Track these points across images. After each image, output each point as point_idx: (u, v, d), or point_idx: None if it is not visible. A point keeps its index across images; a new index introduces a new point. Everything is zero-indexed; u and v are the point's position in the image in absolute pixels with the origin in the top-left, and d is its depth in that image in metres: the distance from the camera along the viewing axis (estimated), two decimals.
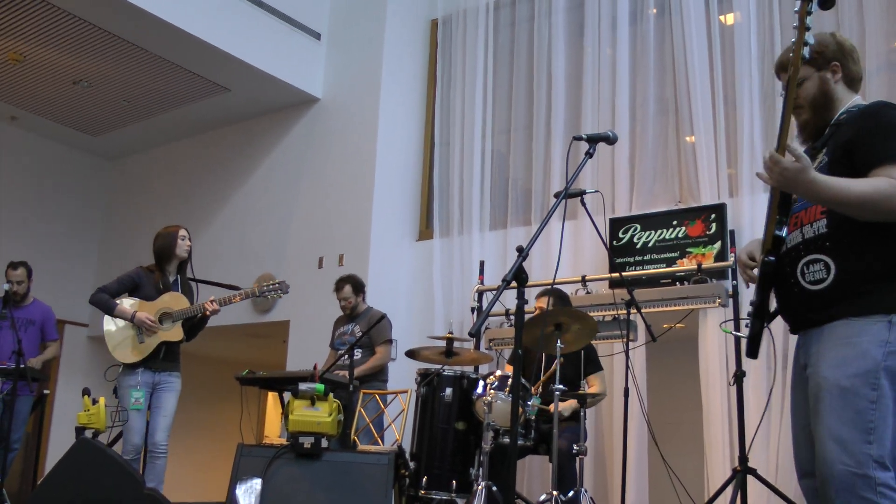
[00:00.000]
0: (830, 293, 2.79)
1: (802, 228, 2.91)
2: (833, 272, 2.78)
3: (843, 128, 2.91)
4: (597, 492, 6.79)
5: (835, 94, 3.01)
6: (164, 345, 5.95)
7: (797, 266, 2.89)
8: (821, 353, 2.78)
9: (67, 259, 11.68)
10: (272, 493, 4.51)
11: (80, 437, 4.65)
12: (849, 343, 2.71)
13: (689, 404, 6.81)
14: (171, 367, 6.01)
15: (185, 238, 6.23)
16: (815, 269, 2.83)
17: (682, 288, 6.54)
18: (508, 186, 8.54)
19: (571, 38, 8.33)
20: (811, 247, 2.86)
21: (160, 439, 5.79)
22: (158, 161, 11.82)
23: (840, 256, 2.79)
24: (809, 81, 3.02)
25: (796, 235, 2.92)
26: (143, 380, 5.87)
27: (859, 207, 2.69)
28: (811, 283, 2.84)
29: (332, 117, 9.65)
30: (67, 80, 9.85)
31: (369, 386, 6.81)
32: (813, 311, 2.85)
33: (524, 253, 3.12)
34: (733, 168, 7.03)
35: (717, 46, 7.24)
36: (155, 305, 6.00)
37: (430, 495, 5.33)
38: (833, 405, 2.66)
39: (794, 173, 2.65)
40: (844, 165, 2.78)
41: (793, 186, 2.71)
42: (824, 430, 2.66)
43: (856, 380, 2.65)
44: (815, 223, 2.86)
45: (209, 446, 12.84)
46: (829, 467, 2.62)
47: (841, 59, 3.02)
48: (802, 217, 2.92)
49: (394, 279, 8.88)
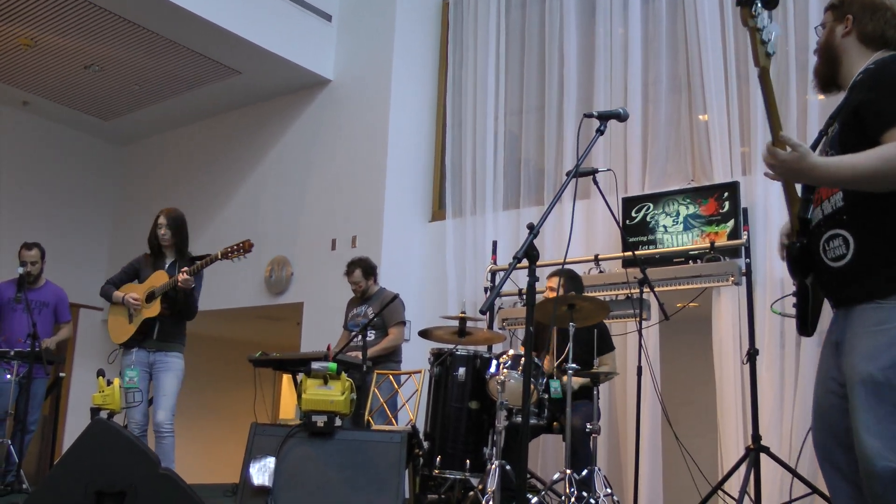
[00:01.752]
0: (852, 269, 2.67)
1: (822, 204, 2.80)
2: (852, 247, 2.66)
3: (856, 91, 2.76)
4: (610, 470, 6.79)
5: (841, 48, 2.86)
6: (155, 324, 5.93)
7: (819, 243, 2.78)
8: (852, 339, 2.67)
9: (81, 244, 11.74)
10: (285, 471, 4.53)
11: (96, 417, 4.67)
12: (880, 331, 2.58)
13: (703, 383, 6.81)
14: (168, 346, 5.98)
15: (160, 225, 6.17)
16: (834, 244, 2.71)
17: (695, 266, 6.53)
18: (521, 166, 8.54)
19: (583, 18, 8.30)
20: (831, 222, 2.75)
21: (162, 419, 5.77)
22: (170, 144, 11.85)
23: (858, 229, 2.66)
24: (825, 30, 2.92)
25: (818, 212, 2.82)
26: (137, 359, 5.91)
27: (871, 181, 2.54)
28: (833, 260, 2.72)
29: (344, 99, 9.65)
30: (78, 64, 9.86)
31: (383, 367, 6.82)
32: (841, 288, 2.74)
33: (535, 230, 3.11)
34: (746, 146, 7.00)
35: (729, 23, 7.19)
36: (143, 286, 6.02)
37: (444, 474, 5.33)
38: (869, 401, 2.55)
39: (793, 163, 2.53)
40: (855, 131, 2.64)
41: (797, 176, 2.62)
42: (862, 426, 2.56)
43: (890, 372, 2.53)
44: (833, 197, 2.74)
45: (224, 428, 12.90)
46: (871, 464, 2.53)
47: (858, 14, 2.83)
48: (822, 193, 2.81)
49: (407, 260, 8.89)
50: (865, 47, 2.82)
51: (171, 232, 6.13)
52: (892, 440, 2.51)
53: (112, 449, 4.27)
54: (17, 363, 6.94)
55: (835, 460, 2.82)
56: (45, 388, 7.54)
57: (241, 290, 10.03)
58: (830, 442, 2.83)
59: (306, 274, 9.43)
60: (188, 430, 12.22)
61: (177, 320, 6.04)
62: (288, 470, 4.54)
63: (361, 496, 4.48)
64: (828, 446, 2.85)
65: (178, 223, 6.19)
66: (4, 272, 8.14)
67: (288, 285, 9.56)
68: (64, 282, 8.10)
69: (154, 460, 4.30)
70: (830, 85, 2.95)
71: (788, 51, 6.80)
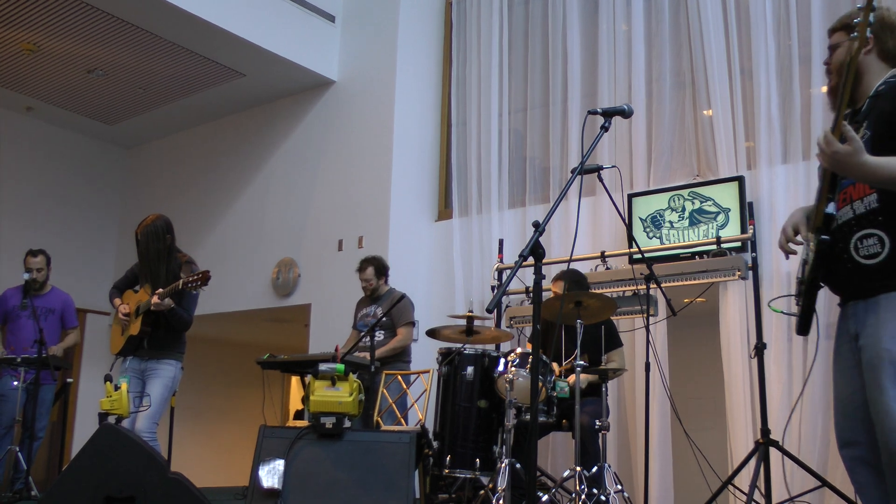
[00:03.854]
0: (886, 266, 2.82)
1: (853, 204, 2.92)
2: (888, 245, 2.81)
3: (882, 99, 2.90)
4: (621, 467, 6.79)
5: (864, 65, 2.98)
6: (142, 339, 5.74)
7: (850, 241, 2.90)
8: (879, 323, 2.80)
9: (87, 248, 11.74)
10: (295, 473, 4.53)
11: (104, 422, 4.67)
12: None
13: (711, 378, 6.80)
14: (160, 354, 5.75)
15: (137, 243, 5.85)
16: (868, 243, 2.85)
17: (702, 262, 6.52)
18: (526, 164, 8.54)
19: (586, 15, 8.29)
20: (864, 222, 2.88)
21: (142, 427, 5.50)
22: (175, 148, 11.85)
23: (894, 230, 2.82)
24: (841, 48, 3.04)
25: (847, 211, 2.94)
26: (130, 366, 5.77)
27: None
28: (866, 258, 2.86)
29: (349, 100, 9.65)
30: (82, 69, 9.87)
31: (392, 367, 6.82)
32: (867, 281, 2.87)
33: (540, 228, 3.11)
34: (751, 140, 6.99)
35: (732, 19, 7.19)
36: (136, 297, 5.87)
37: (455, 474, 5.34)
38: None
39: (846, 156, 2.64)
40: (890, 139, 2.77)
41: (845, 169, 2.70)
42: (888, 400, 2.68)
43: None
44: (866, 198, 2.88)
45: (234, 431, 12.93)
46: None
47: (877, 32, 2.99)
48: (852, 192, 2.93)
49: (414, 260, 8.88)
50: (885, 63, 3.00)
51: (142, 251, 5.79)
52: None
53: (120, 454, 4.28)
54: (23, 370, 6.96)
55: (870, 458, 2.84)
56: (52, 395, 7.55)
57: (248, 293, 10.03)
58: (865, 438, 2.87)
59: (313, 275, 9.43)
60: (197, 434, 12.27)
61: (167, 332, 5.79)
62: (297, 472, 4.54)
63: (371, 497, 4.48)
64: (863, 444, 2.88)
65: (149, 239, 5.76)
66: (11, 279, 8.14)
67: (295, 287, 9.56)
68: (70, 287, 8.12)
69: (162, 464, 4.31)
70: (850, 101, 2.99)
71: (791, 45, 6.79)
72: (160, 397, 5.70)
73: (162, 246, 5.76)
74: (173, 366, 5.81)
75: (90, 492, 4.15)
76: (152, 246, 5.75)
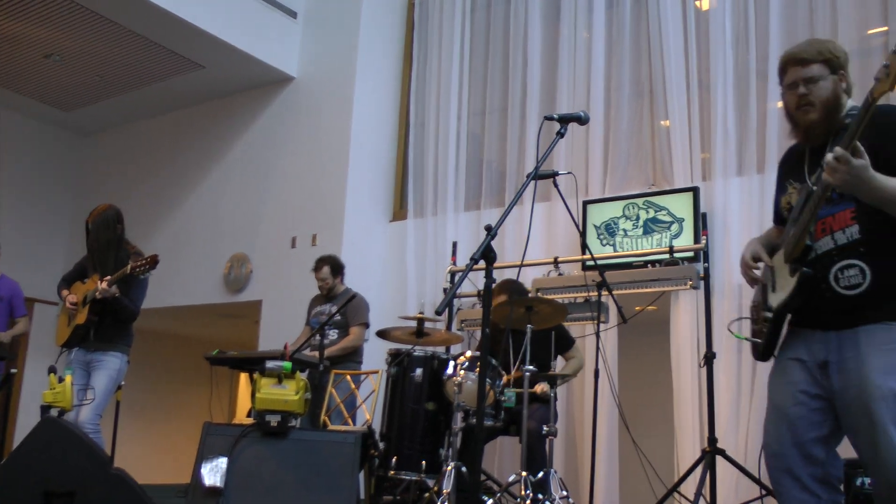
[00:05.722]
0: (866, 298, 2.84)
1: (834, 234, 2.94)
2: (869, 277, 2.84)
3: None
4: (567, 472, 6.81)
5: (841, 99, 3.01)
6: (89, 328, 5.71)
7: (830, 271, 2.92)
8: (862, 358, 2.81)
9: (37, 236, 11.55)
10: (238, 471, 4.48)
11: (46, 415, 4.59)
12: (893, 349, 2.78)
13: (660, 386, 6.84)
14: (105, 346, 5.73)
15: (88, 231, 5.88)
16: (849, 273, 2.87)
17: (654, 270, 6.57)
18: (483, 168, 8.55)
19: (547, 21, 8.32)
20: (845, 252, 2.90)
21: (85, 418, 5.50)
22: (132, 138, 11.73)
23: (876, 261, 2.85)
24: (825, 82, 3.01)
25: (827, 241, 2.95)
26: (75, 358, 5.75)
27: None
28: (846, 288, 2.88)
29: (308, 96, 9.61)
30: (39, 53, 9.73)
31: (343, 367, 6.78)
32: (845, 313, 2.89)
33: (493, 232, 3.10)
34: (707, 152, 7.05)
35: (692, 31, 7.26)
36: (83, 288, 5.82)
37: (400, 475, 5.30)
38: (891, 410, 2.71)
39: (862, 171, 2.65)
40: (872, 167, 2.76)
41: (857, 185, 2.69)
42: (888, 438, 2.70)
43: None
44: (848, 229, 2.90)
45: (180, 427, 12.80)
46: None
47: (846, 69, 3.04)
48: (831, 223, 2.95)
49: (367, 259, 8.85)
50: (847, 97, 3.04)
51: (92, 239, 5.84)
52: None
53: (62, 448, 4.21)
54: None
55: (796, 472, 2.94)
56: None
57: (199, 287, 9.95)
58: (793, 452, 2.95)
59: (266, 272, 9.37)
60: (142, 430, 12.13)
61: (113, 322, 5.78)
62: (240, 470, 4.48)
63: (314, 497, 4.45)
64: (790, 457, 2.96)
65: (98, 227, 5.82)
66: None
67: (247, 283, 9.50)
68: (18, 276, 7.98)
69: (104, 459, 4.25)
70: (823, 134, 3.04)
71: (749, 59, 6.86)
72: (105, 389, 5.66)
73: (112, 235, 5.78)
74: (119, 358, 5.77)
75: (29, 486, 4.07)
76: (102, 234, 5.77)
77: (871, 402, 2.74)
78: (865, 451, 2.79)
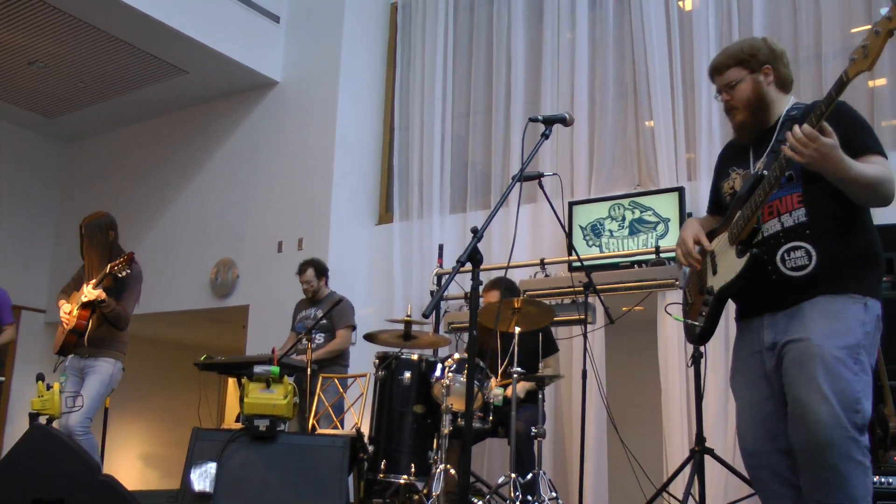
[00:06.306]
0: (812, 278, 2.89)
1: (781, 217, 2.99)
2: (815, 258, 2.89)
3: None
4: (556, 474, 6.81)
5: (768, 96, 3.11)
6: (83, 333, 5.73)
7: (776, 253, 2.97)
8: (806, 325, 2.86)
9: (22, 243, 11.51)
10: (227, 476, 4.47)
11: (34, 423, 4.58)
12: (836, 317, 2.83)
13: (648, 386, 6.85)
14: (98, 352, 5.79)
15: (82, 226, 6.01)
16: (796, 255, 2.93)
17: (640, 271, 6.58)
18: (468, 170, 8.55)
19: (531, 22, 8.33)
20: (792, 234, 2.95)
21: (74, 423, 5.49)
22: (116, 143, 11.69)
23: (821, 243, 2.90)
24: (743, 83, 3.12)
25: (774, 224, 3.00)
26: (70, 365, 5.81)
27: (869, 189, 2.81)
28: (793, 270, 2.93)
29: (292, 101, 9.60)
30: (22, 60, 9.70)
31: (330, 370, 6.78)
32: (790, 294, 2.94)
33: (479, 234, 3.12)
34: (692, 152, 7.07)
35: (675, 31, 7.28)
36: (79, 294, 5.87)
37: (389, 479, 5.31)
38: (828, 373, 2.74)
39: (830, 149, 2.69)
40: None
41: (824, 162, 2.73)
42: (817, 396, 2.73)
43: (844, 351, 2.77)
44: (795, 212, 2.95)
45: (168, 433, 12.76)
46: (828, 431, 2.70)
47: (773, 63, 3.11)
48: (779, 206, 3.00)
49: (353, 263, 8.85)
50: (781, 91, 3.14)
51: (85, 243, 5.96)
52: (847, 411, 2.72)
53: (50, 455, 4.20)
54: None
55: (776, 467, 2.94)
56: None
57: (185, 293, 9.93)
58: (770, 447, 2.97)
59: (252, 276, 9.36)
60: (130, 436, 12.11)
61: (106, 328, 5.81)
62: (229, 475, 4.48)
63: (304, 501, 4.45)
64: (768, 453, 2.99)
65: (91, 231, 5.94)
66: None
67: (233, 288, 9.49)
68: (5, 283, 7.96)
69: (93, 466, 4.24)
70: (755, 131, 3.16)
71: None
72: (95, 394, 5.70)
73: (104, 240, 5.89)
74: (111, 364, 5.83)
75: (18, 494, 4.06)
76: (95, 239, 5.89)
77: (808, 359, 2.79)
78: (794, 407, 2.82)
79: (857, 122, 2.96)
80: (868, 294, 2.88)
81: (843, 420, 2.69)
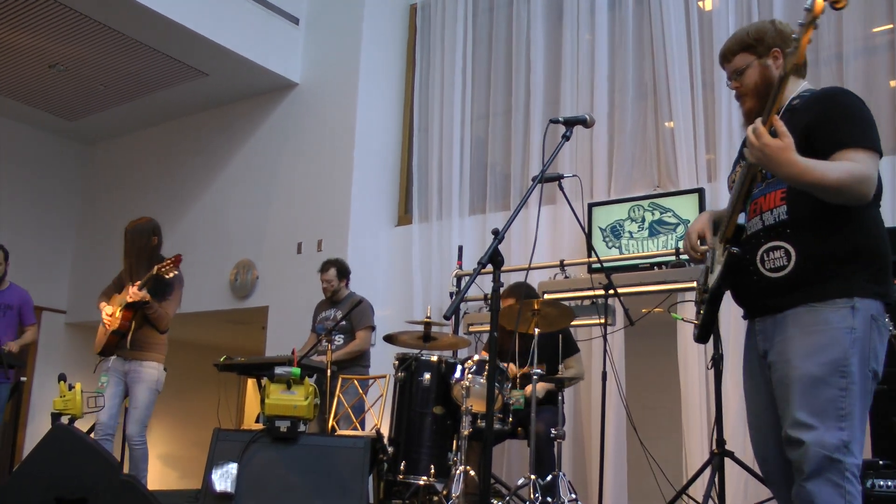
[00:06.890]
0: (792, 280, 2.76)
1: (762, 215, 2.88)
2: (794, 259, 2.76)
3: (800, 113, 2.87)
4: (575, 475, 6.80)
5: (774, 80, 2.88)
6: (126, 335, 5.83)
7: (757, 253, 2.86)
8: (787, 341, 2.76)
9: (44, 245, 11.57)
10: (248, 477, 4.50)
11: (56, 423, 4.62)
12: (816, 331, 2.70)
13: (668, 388, 6.83)
14: (141, 355, 5.88)
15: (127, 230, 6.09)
16: (775, 255, 2.80)
17: (660, 272, 6.55)
18: (487, 172, 8.55)
19: (550, 24, 8.32)
20: (771, 234, 2.83)
21: (131, 432, 5.71)
22: (136, 146, 11.74)
23: (801, 243, 2.76)
24: (750, 69, 3.01)
25: (756, 222, 2.90)
26: (113, 366, 5.88)
27: (835, 191, 2.64)
28: (771, 271, 2.81)
29: (311, 102, 9.61)
30: (43, 63, 9.75)
31: (350, 371, 6.79)
32: (772, 297, 2.83)
33: (500, 236, 3.11)
34: (712, 153, 7.04)
35: (695, 32, 7.25)
36: (121, 297, 5.93)
37: (409, 480, 5.31)
38: (805, 393, 2.66)
39: (777, 151, 2.59)
40: (803, 150, 2.67)
41: (773, 164, 2.63)
42: (797, 416, 2.65)
43: (826, 368, 2.65)
44: (776, 209, 2.83)
45: (188, 433, 12.81)
46: (805, 452, 2.62)
47: (782, 46, 2.95)
48: (762, 204, 2.89)
49: (373, 264, 8.87)
50: (793, 75, 2.92)
51: (128, 246, 6.04)
52: (825, 431, 2.62)
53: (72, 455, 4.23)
54: None
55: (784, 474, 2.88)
56: (6, 393, 7.42)
57: (205, 294, 9.95)
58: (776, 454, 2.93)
59: (272, 277, 9.38)
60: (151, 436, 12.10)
61: (149, 330, 5.92)
62: (250, 476, 4.50)
63: (325, 502, 4.46)
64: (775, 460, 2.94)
65: (135, 235, 6.04)
66: None
67: (253, 289, 9.51)
68: (26, 284, 8.00)
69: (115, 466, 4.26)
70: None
71: None
72: (147, 401, 5.85)
73: (147, 244, 6.00)
74: (156, 368, 5.97)
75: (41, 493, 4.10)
76: (137, 243, 5.99)
77: (789, 384, 2.70)
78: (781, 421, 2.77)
79: (846, 114, 2.79)
80: (856, 294, 2.70)
81: (825, 439, 2.60)
